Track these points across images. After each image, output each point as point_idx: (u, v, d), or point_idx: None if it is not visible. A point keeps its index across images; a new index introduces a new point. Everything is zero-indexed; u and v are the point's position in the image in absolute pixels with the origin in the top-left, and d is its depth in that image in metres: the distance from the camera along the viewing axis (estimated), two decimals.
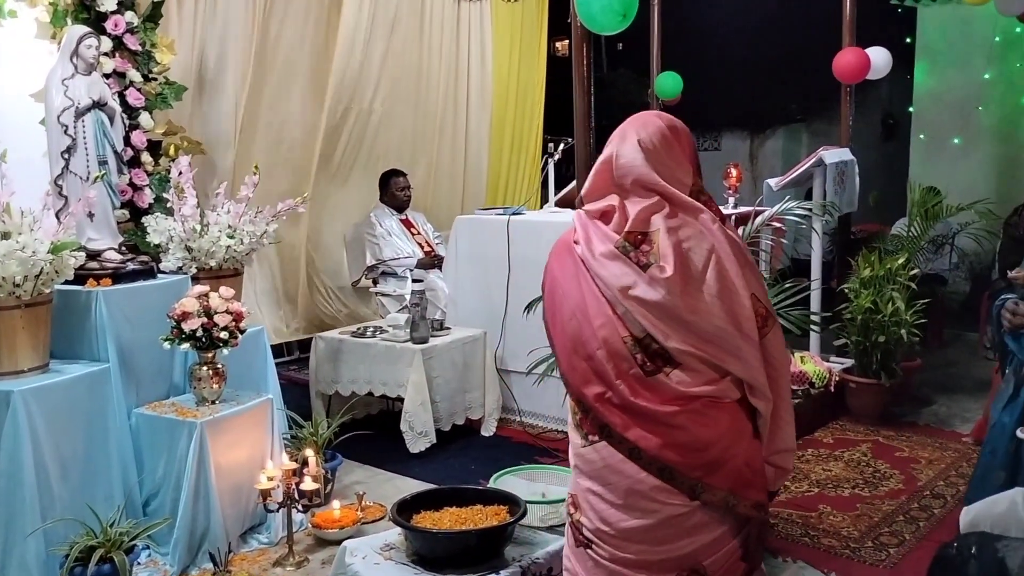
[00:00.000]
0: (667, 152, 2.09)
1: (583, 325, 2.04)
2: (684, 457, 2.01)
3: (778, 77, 9.95)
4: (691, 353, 1.98)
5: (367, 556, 2.40)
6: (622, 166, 2.09)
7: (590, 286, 2.04)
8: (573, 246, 2.13)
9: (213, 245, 3.67)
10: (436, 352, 4.47)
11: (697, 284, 1.97)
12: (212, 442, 3.21)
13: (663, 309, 1.95)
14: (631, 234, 2.01)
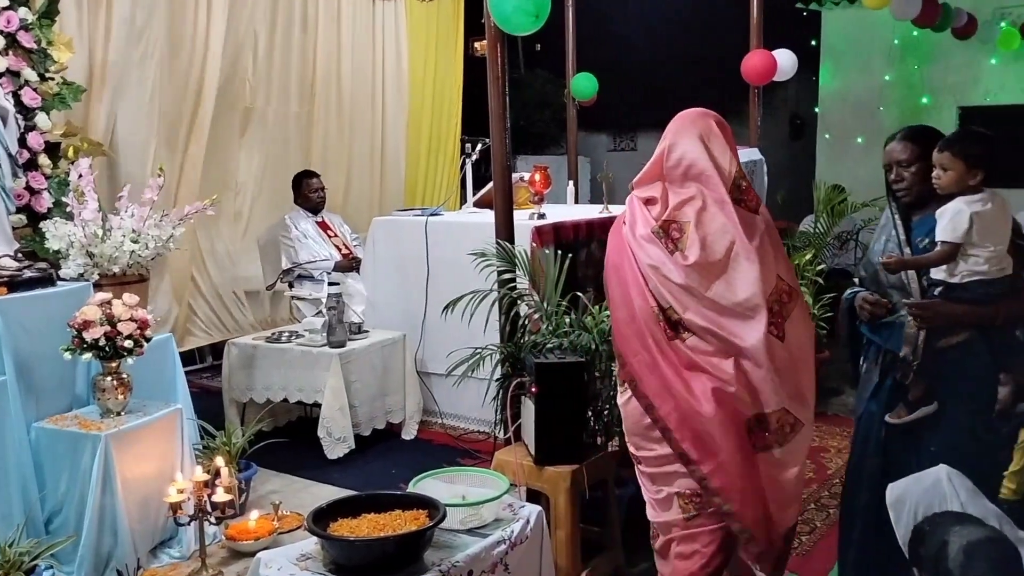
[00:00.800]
0: (715, 145, 2.38)
1: (626, 293, 2.40)
2: (678, 428, 2.32)
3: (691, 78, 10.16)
4: (704, 327, 2.31)
5: (282, 567, 2.34)
6: (674, 158, 2.38)
7: (631, 262, 2.39)
8: (623, 226, 2.46)
9: (116, 250, 3.52)
10: (354, 356, 4.40)
11: (716, 271, 2.30)
12: (118, 455, 3.09)
13: (682, 288, 2.30)
14: (667, 222, 2.34)
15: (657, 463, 2.41)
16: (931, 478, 2.45)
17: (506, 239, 3.78)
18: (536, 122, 10.59)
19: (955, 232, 2.40)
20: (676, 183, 2.37)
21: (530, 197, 5.02)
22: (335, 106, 6.53)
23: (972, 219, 2.39)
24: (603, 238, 4.93)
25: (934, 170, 2.47)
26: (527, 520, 2.61)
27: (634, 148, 11.44)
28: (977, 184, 2.43)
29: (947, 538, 1.83)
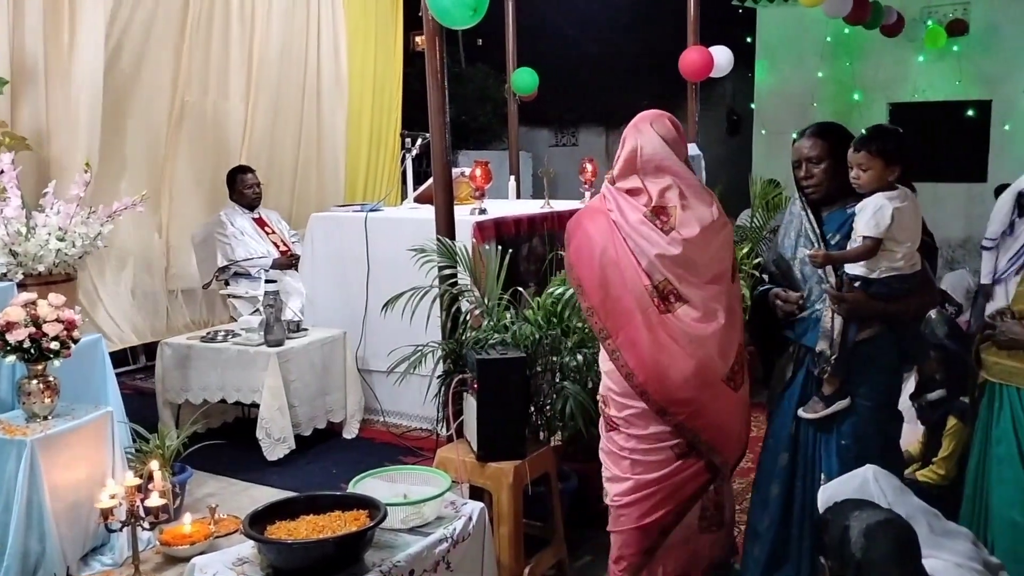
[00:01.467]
0: (676, 141, 2.65)
1: (613, 273, 2.58)
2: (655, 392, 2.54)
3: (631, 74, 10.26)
4: (696, 293, 2.56)
5: (218, 572, 2.28)
6: (647, 155, 2.62)
7: (622, 244, 2.58)
8: (607, 211, 2.66)
9: (41, 249, 3.39)
10: (293, 355, 4.32)
11: (704, 244, 2.57)
12: (45, 461, 2.97)
13: (680, 260, 2.54)
14: (656, 208, 2.58)
15: (636, 416, 2.60)
16: (859, 479, 2.51)
17: (447, 235, 3.75)
18: (477, 117, 10.56)
19: (878, 227, 2.44)
20: (651, 175, 2.62)
21: (471, 192, 5.00)
22: (272, 100, 6.41)
23: (894, 215, 2.44)
24: (545, 233, 4.99)
25: (852, 170, 2.52)
26: (469, 517, 2.60)
27: (575, 143, 11.50)
28: (895, 180, 2.48)
29: (848, 523, 1.88)
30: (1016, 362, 2.63)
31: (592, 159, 5.91)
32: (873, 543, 1.71)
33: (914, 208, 2.50)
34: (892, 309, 2.52)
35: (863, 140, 2.52)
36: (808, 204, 2.70)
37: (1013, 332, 2.63)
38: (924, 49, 8.54)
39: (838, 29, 8.57)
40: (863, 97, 9.01)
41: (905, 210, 2.46)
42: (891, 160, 2.47)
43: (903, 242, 2.48)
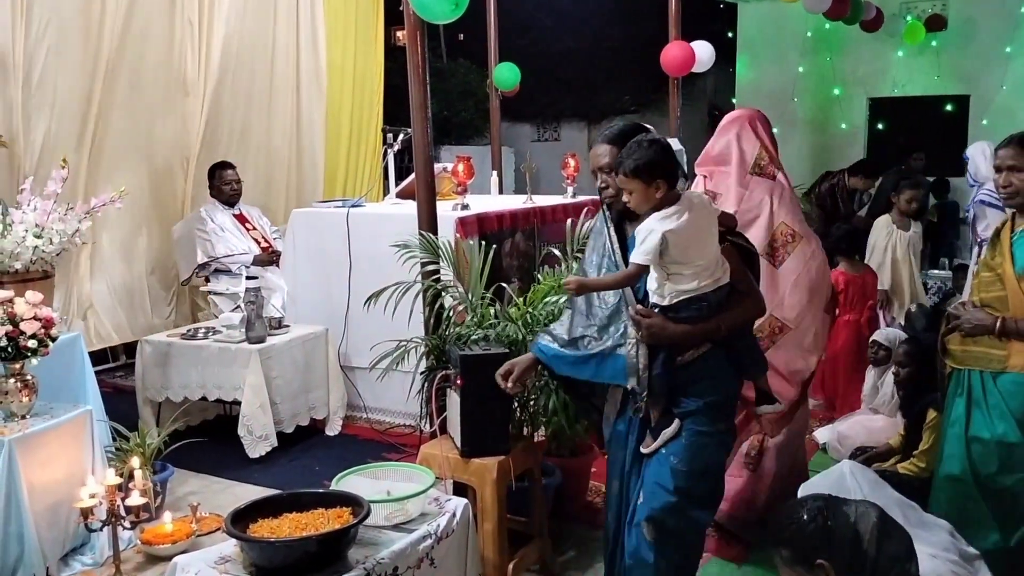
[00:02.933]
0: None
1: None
2: None
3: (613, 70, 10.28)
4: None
5: (200, 571, 2.26)
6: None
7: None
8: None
9: (18, 246, 3.35)
10: (274, 352, 4.30)
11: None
12: (23, 460, 2.94)
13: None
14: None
15: None
16: (835, 474, 2.55)
17: (429, 230, 3.74)
18: (459, 112, 10.55)
19: (645, 254, 2.24)
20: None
21: (453, 188, 4.98)
22: (250, 95, 6.35)
23: (665, 239, 2.22)
24: (527, 228, 4.98)
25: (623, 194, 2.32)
26: (453, 513, 2.59)
27: (558, 139, 11.51)
28: (664, 196, 2.26)
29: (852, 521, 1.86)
30: (980, 347, 2.71)
31: (575, 154, 5.91)
32: (888, 540, 1.72)
33: (701, 220, 2.28)
34: (700, 331, 2.31)
35: (617, 162, 2.31)
36: (612, 217, 2.48)
37: (977, 318, 2.70)
38: (903, 44, 8.60)
39: (818, 24, 8.61)
40: (843, 92, 9.06)
41: (682, 229, 2.23)
42: (649, 178, 2.23)
43: (689, 262, 2.26)
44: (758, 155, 3.26)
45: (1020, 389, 2.64)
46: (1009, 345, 2.64)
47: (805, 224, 3.29)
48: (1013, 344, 2.63)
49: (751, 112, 3.41)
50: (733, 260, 2.36)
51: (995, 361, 2.68)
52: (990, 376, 2.69)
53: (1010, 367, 2.65)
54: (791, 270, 3.20)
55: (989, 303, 2.71)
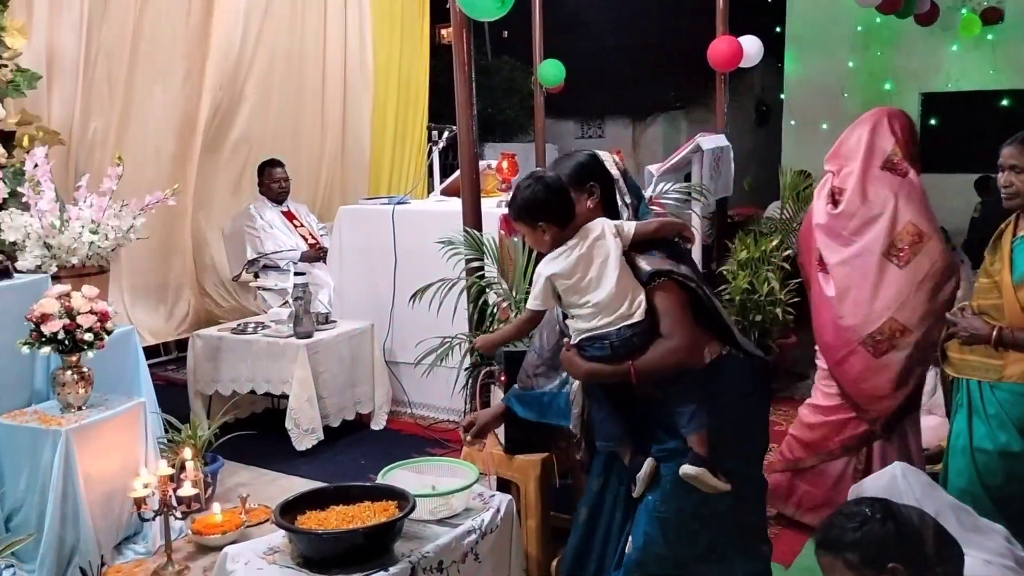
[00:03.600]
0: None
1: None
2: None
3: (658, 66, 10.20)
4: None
5: (249, 561, 2.31)
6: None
7: None
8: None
9: (75, 242, 3.44)
10: (321, 347, 4.36)
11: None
12: (79, 450, 3.03)
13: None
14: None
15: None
16: (887, 476, 2.49)
17: (474, 227, 3.76)
18: (503, 109, 10.56)
19: (534, 299, 2.23)
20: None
21: (498, 185, 5.00)
22: (299, 95, 6.44)
23: (550, 283, 2.19)
24: None
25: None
26: (497, 509, 2.60)
27: (602, 135, 11.45)
28: (557, 236, 2.20)
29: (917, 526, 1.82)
30: (976, 356, 2.64)
31: (619, 150, 5.86)
32: (945, 545, 1.69)
33: (594, 257, 2.17)
34: (607, 372, 2.19)
35: (509, 204, 2.28)
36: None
37: (974, 327, 2.62)
38: (958, 38, 8.40)
39: (870, 18, 8.45)
40: (895, 87, 8.88)
41: (568, 271, 2.15)
42: (532, 220, 2.19)
43: (583, 302, 2.17)
44: (891, 151, 3.18)
45: (1018, 399, 2.56)
46: (1006, 355, 2.56)
47: (934, 224, 3.16)
48: (1010, 354, 2.55)
49: (889, 109, 3.33)
50: (665, 299, 2.16)
51: (992, 371, 2.61)
52: (988, 385, 2.62)
53: (1006, 377, 2.57)
54: (916, 271, 3.09)
55: (986, 311, 2.63)
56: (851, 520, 1.75)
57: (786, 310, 4.90)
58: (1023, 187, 2.56)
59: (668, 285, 2.18)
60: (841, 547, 1.75)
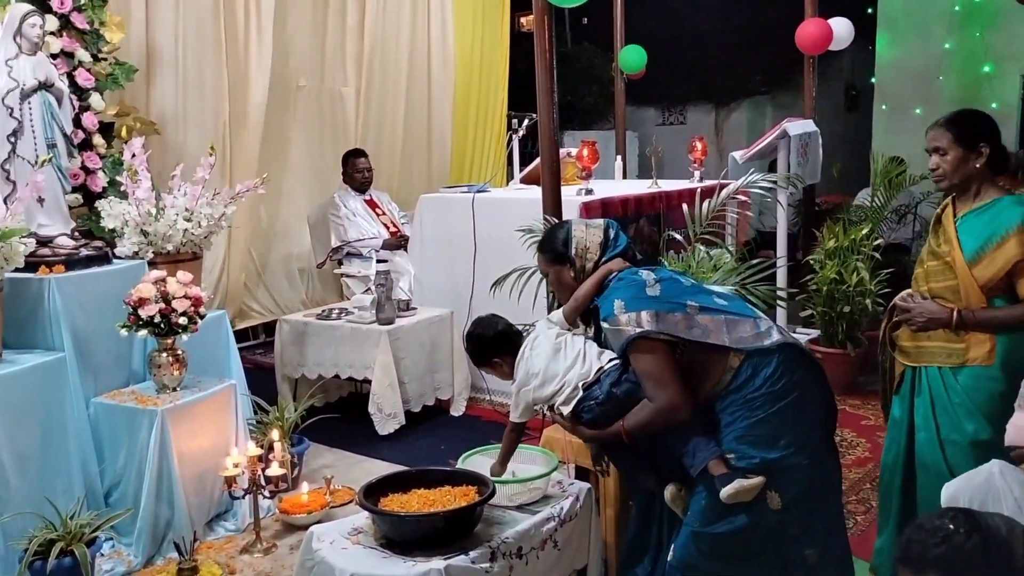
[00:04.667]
0: None
1: None
2: None
3: (742, 49, 9.95)
4: None
5: (335, 541, 2.36)
6: None
7: None
8: None
9: (170, 229, 3.58)
10: (403, 333, 4.42)
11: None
12: (174, 430, 3.15)
13: None
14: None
15: None
16: (983, 474, 2.36)
17: (554, 215, 3.74)
18: (583, 97, 10.48)
19: (515, 415, 2.57)
20: None
21: (577, 173, 4.97)
22: (382, 84, 6.53)
23: (522, 398, 2.50)
24: (652, 213, 4.91)
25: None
26: (576, 497, 2.60)
27: (683, 122, 11.24)
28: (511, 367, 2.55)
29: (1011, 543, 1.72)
30: (935, 342, 2.53)
31: (702, 137, 5.78)
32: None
33: (536, 361, 2.45)
34: (605, 436, 2.35)
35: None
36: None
37: (930, 311, 2.51)
38: None
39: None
40: (994, 69, 8.45)
41: (524, 376, 2.46)
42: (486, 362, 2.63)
43: (551, 391, 2.41)
44: None
45: (982, 383, 2.45)
46: (967, 337, 2.45)
47: None
48: (971, 336, 2.44)
49: None
50: (640, 361, 2.23)
51: (953, 355, 2.49)
52: (949, 372, 2.50)
53: (970, 360, 2.46)
54: None
55: (939, 294, 2.52)
56: (933, 535, 1.63)
57: (876, 301, 4.74)
58: (950, 168, 2.50)
59: (638, 350, 2.24)
60: (923, 565, 1.63)
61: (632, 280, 2.34)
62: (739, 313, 2.30)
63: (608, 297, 2.33)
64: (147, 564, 3.09)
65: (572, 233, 2.49)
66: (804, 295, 4.98)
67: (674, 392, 2.20)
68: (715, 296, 2.36)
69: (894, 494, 2.67)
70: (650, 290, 2.29)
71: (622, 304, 2.27)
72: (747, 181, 3.72)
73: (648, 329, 2.21)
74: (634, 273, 2.38)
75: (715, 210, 3.63)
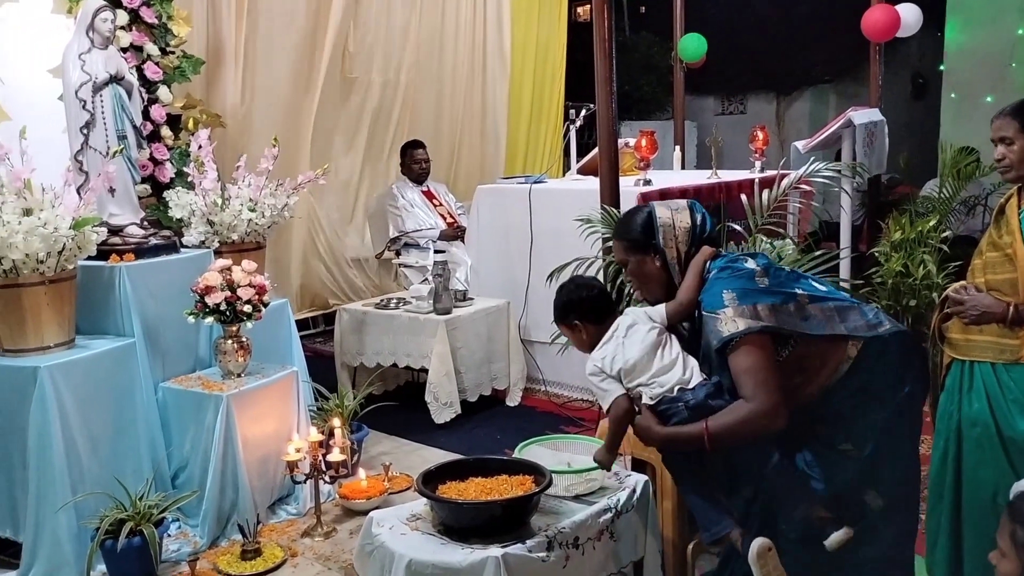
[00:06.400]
0: None
1: None
2: None
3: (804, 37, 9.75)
4: None
5: (393, 526, 2.40)
6: None
7: None
8: None
9: (235, 219, 3.66)
10: (459, 323, 4.45)
11: None
12: (238, 415, 3.22)
13: None
14: None
15: None
16: None
17: (612, 205, 3.73)
18: (641, 86, 10.38)
19: (611, 391, 2.30)
20: None
21: (635, 163, 4.94)
22: (440, 76, 6.57)
23: (605, 373, 2.29)
24: (711, 204, 4.85)
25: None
26: (633, 489, 2.59)
27: (743, 111, 11.07)
28: (594, 335, 2.36)
29: None
30: (987, 336, 2.43)
31: (763, 127, 5.69)
32: None
33: (631, 346, 2.26)
34: (682, 436, 2.14)
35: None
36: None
37: (984, 304, 2.41)
38: None
39: None
40: None
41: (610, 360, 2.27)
42: (566, 322, 2.42)
43: (638, 382, 2.24)
44: None
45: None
46: (1022, 333, 2.35)
47: None
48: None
49: None
50: (744, 359, 2.06)
51: (1007, 351, 2.39)
52: (1003, 368, 2.40)
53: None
54: None
55: (996, 286, 2.41)
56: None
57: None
58: (1016, 159, 2.40)
59: (745, 345, 2.07)
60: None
61: (738, 270, 2.17)
62: (844, 300, 2.22)
63: (713, 288, 2.15)
64: (212, 545, 3.17)
65: (656, 217, 2.28)
66: (868, 288, 4.87)
67: (778, 396, 2.04)
68: (814, 282, 2.27)
69: (945, 493, 2.60)
70: (760, 280, 2.14)
71: (733, 296, 2.10)
72: (810, 170, 3.65)
73: (766, 324, 2.06)
74: (734, 260, 2.21)
75: (777, 200, 3.56)
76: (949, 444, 2.57)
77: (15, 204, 2.88)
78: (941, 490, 2.61)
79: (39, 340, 3.00)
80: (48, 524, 2.88)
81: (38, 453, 2.88)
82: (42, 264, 2.93)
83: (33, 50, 3.79)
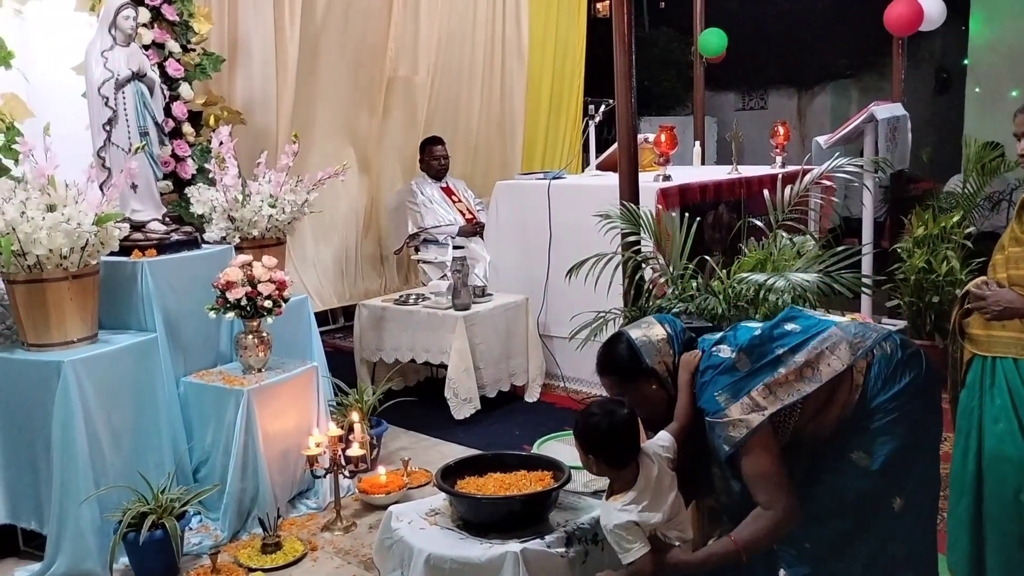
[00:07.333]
0: None
1: None
2: None
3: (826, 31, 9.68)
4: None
5: (413, 521, 2.41)
6: None
7: None
8: None
9: (255, 214, 3.68)
10: (478, 319, 4.46)
11: None
12: (259, 409, 3.24)
13: None
14: None
15: None
16: None
17: (631, 201, 3.72)
18: (660, 82, 10.35)
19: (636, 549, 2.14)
20: None
21: (655, 159, 4.92)
22: (459, 72, 6.56)
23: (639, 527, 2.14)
24: (731, 200, 4.83)
25: None
26: None
27: (764, 106, 11.00)
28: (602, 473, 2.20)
29: None
30: (1009, 332, 2.40)
31: (784, 122, 5.65)
32: None
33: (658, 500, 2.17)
34: (716, 558, 2.15)
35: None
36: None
37: (1007, 300, 2.38)
38: None
39: None
40: None
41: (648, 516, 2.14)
42: (583, 450, 2.20)
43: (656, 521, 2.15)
44: None
45: None
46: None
47: None
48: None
49: None
50: (753, 463, 2.06)
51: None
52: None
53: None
54: None
55: (1019, 282, 2.38)
56: None
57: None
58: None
59: (754, 448, 2.06)
60: None
61: (717, 365, 2.17)
62: (822, 329, 2.19)
63: (705, 395, 2.16)
64: (233, 538, 3.20)
65: (634, 341, 2.28)
66: (891, 284, 4.83)
67: (792, 497, 2.07)
68: (784, 324, 2.22)
69: (966, 490, 2.57)
70: (740, 365, 2.13)
71: (727, 396, 2.10)
72: (832, 165, 3.62)
73: (769, 410, 2.06)
74: (710, 357, 2.20)
75: (798, 196, 3.53)
76: (970, 441, 2.54)
77: (39, 200, 2.91)
78: (962, 487, 2.59)
79: (62, 335, 3.03)
80: (72, 517, 2.91)
81: (62, 447, 2.92)
82: (65, 260, 2.96)
83: (56, 47, 3.82)
